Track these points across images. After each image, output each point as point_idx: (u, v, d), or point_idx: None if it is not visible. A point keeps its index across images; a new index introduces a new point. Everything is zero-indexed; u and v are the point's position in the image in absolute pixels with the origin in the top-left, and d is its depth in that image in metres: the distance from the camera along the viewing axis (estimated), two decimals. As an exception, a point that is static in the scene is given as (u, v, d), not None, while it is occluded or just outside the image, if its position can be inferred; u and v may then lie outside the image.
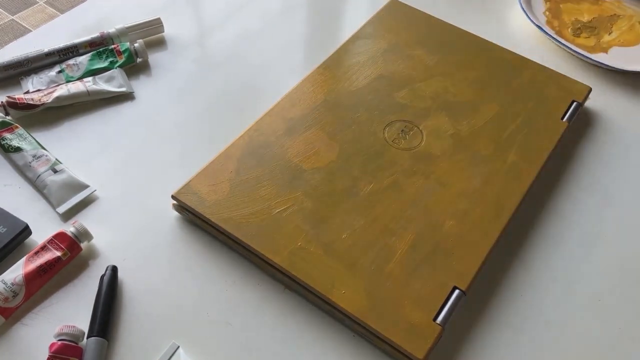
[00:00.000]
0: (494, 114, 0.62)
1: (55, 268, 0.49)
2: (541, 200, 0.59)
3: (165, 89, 0.66)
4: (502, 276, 0.53)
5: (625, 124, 0.66)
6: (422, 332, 0.46)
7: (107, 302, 0.48)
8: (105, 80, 0.65)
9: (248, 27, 0.74)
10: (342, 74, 0.64)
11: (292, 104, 0.61)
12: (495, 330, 0.50)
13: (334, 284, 0.48)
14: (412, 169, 0.56)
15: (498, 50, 0.68)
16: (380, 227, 0.52)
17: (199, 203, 0.52)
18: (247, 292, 0.50)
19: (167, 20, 0.73)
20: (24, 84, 0.64)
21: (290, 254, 0.49)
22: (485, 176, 0.56)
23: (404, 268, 0.49)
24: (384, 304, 0.47)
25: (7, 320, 0.47)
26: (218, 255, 0.53)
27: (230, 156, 0.56)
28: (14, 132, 0.58)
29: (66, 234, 0.50)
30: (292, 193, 0.53)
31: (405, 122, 0.60)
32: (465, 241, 0.51)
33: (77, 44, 0.67)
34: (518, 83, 0.65)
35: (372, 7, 0.78)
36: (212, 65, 0.69)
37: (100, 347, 0.45)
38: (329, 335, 0.48)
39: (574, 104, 0.64)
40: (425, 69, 0.66)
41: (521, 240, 0.56)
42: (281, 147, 0.57)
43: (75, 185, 0.55)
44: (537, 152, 0.58)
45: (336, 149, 0.57)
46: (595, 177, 0.61)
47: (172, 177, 0.58)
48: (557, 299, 0.52)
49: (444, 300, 0.48)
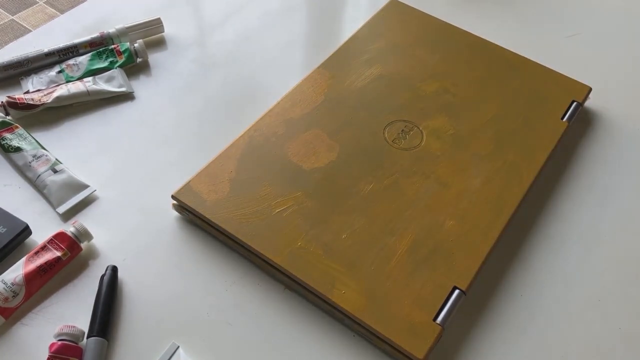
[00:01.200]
0: (494, 114, 0.62)
1: (55, 268, 0.49)
2: (541, 200, 0.59)
3: (165, 89, 0.66)
4: (502, 276, 0.53)
5: (625, 124, 0.66)
6: (422, 332, 0.46)
7: (107, 302, 0.48)
8: (105, 80, 0.65)
9: (248, 27, 0.74)
10: (342, 74, 0.64)
11: (292, 104, 0.61)
12: (495, 330, 0.50)
13: (334, 284, 0.48)
14: (412, 169, 0.56)
15: (498, 50, 0.68)
16: (380, 227, 0.52)
17: (199, 203, 0.52)
18: (247, 292, 0.50)
19: (167, 20, 0.73)
20: (24, 84, 0.64)
21: (290, 254, 0.49)
22: (485, 176, 0.56)
23: (404, 268, 0.49)
24: (383, 304, 0.47)
25: (7, 320, 0.47)
26: (218, 255, 0.53)
27: (230, 156, 0.56)
28: (14, 132, 0.58)
29: (66, 234, 0.50)
30: (292, 193, 0.53)
31: (405, 122, 0.60)
32: (465, 241, 0.51)
33: (77, 44, 0.67)
34: (518, 83, 0.65)
35: (372, 7, 0.78)
36: (212, 65, 0.69)
37: (100, 347, 0.45)
38: (329, 335, 0.48)
39: (574, 104, 0.64)
40: (425, 69, 0.65)
41: (521, 240, 0.56)
42: (281, 147, 0.57)
43: (75, 185, 0.55)
44: (537, 152, 0.58)
45: (336, 149, 0.57)
46: (595, 177, 0.61)
47: (172, 177, 0.58)
48: (557, 299, 0.52)
49: (444, 300, 0.48)
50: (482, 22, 0.77)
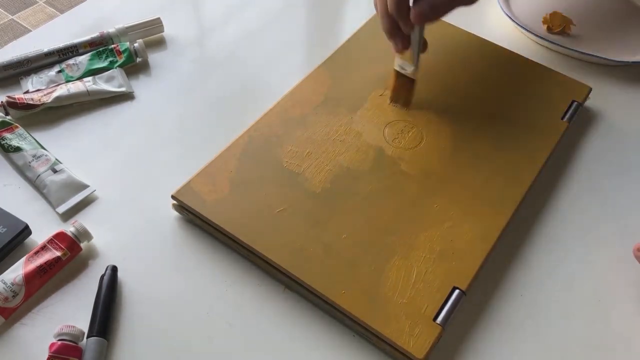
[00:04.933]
0: (494, 114, 0.62)
1: (55, 268, 0.49)
2: (541, 200, 0.59)
3: (165, 89, 0.66)
4: (502, 276, 0.53)
5: (626, 124, 0.66)
6: (422, 332, 0.46)
7: (107, 302, 0.48)
8: (105, 80, 0.65)
9: (248, 27, 0.74)
10: (342, 74, 0.64)
11: (292, 104, 0.61)
12: (495, 330, 0.49)
13: (334, 284, 0.48)
14: (412, 168, 0.56)
15: (498, 50, 0.68)
16: (380, 227, 0.52)
17: (199, 203, 0.52)
18: (247, 292, 0.50)
19: (167, 20, 0.73)
20: (24, 83, 0.64)
21: (290, 254, 0.49)
22: (485, 176, 0.56)
23: (403, 268, 0.49)
24: (383, 304, 0.47)
25: (7, 320, 0.47)
26: (218, 255, 0.53)
27: (230, 156, 0.56)
28: (13, 132, 0.58)
29: (66, 233, 0.50)
30: (292, 193, 0.53)
31: (405, 122, 0.60)
32: (465, 241, 0.51)
33: (76, 44, 0.67)
34: (518, 83, 0.65)
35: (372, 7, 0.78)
36: (212, 65, 0.69)
37: (100, 347, 0.45)
38: (329, 335, 0.48)
39: (574, 103, 0.64)
40: (425, 69, 0.65)
41: (521, 240, 0.56)
42: (281, 147, 0.57)
43: (75, 185, 0.55)
44: (537, 152, 0.58)
45: (336, 149, 0.57)
46: (595, 177, 0.61)
47: (172, 177, 0.58)
48: (557, 299, 0.52)
49: (444, 300, 0.48)
50: (482, 22, 0.77)
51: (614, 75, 0.71)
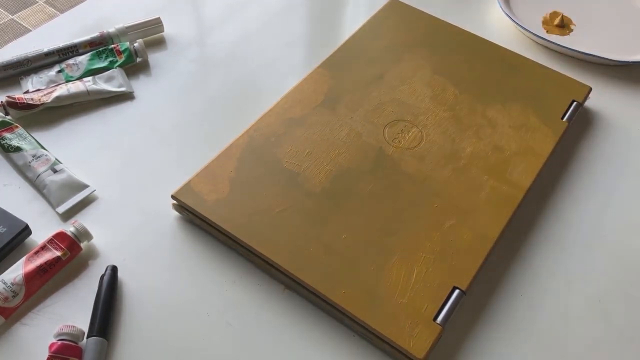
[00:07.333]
0: (494, 114, 0.62)
1: (55, 268, 0.49)
2: (541, 200, 0.59)
3: (165, 89, 0.66)
4: (502, 276, 0.53)
5: (625, 124, 0.66)
6: (422, 332, 0.46)
7: (107, 302, 0.48)
8: (105, 80, 0.65)
9: (248, 27, 0.74)
10: (342, 74, 0.64)
11: (292, 104, 0.61)
12: (495, 330, 0.50)
13: (334, 284, 0.48)
14: (411, 168, 0.56)
15: (498, 50, 0.68)
16: (380, 227, 0.52)
17: (199, 203, 0.52)
18: (247, 292, 0.50)
19: (167, 20, 0.73)
20: (24, 83, 0.64)
21: (290, 254, 0.49)
22: (485, 176, 0.56)
23: (403, 268, 0.49)
24: (383, 304, 0.47)
25: (7, 320, 0.47)
26: (218, 255, 0.53)
27: (230, 156, 0.56)
28: (13, 132, 0.58)
29: (66, 233, 0.50)
30: (292, 193, 0.53)
31: (405, 122, 0.60)
32: (465, 241, 0.51)
33: (76, 44, 0.67)
34: (518, 83, 0.65)
35: (372, 7, 0.78)
36: (212, 65, 0.69)
37: (100, 347, 0.45)
38: (329, 335, 0.48)
39: (574, 103, 0.64)
40: (425, 69, 0.65)
41: (521, 240, 0.56)
42: (281, 147, 0.57)
43: (74, 185, 0.55)
44: (537, 152, 0.58)
45: (336, 149, 0.57)
46: (595, 177, 0.61)
47: (172, 177, 0.58)
48: (557, 299, 0.52)
49: (444, 300, 0.48)
50: (482, 22, 0.77)
51: (614, 75, 0.71)
